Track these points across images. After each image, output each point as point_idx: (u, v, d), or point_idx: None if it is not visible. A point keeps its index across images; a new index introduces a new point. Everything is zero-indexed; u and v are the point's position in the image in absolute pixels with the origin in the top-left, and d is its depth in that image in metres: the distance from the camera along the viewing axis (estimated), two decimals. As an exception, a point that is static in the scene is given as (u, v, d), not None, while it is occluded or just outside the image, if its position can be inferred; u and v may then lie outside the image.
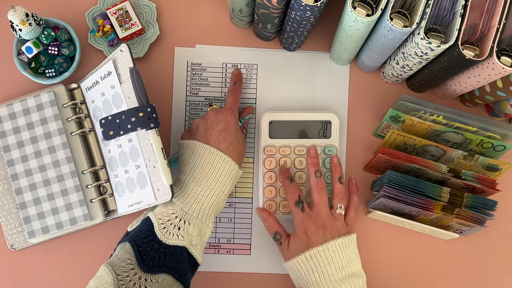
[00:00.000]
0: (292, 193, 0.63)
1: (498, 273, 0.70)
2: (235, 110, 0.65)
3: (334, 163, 0.66)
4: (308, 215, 0.62)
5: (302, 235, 0.61)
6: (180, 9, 0.73)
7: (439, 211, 0.61)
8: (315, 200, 0.62)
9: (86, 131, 0.67)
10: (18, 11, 0.61)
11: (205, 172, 0.60)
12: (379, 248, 0.70)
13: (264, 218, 0.65)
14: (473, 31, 0.57)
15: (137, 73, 0.60)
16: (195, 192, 0.59)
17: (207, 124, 0.63)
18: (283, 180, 0.66)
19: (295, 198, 0.63)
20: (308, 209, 0.62)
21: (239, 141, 0.63)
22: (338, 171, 0.65)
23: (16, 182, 0.65)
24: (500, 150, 0.65)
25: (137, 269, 0.53)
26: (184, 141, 0.64)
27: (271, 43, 0.73)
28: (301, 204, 0.62)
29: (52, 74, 0.68)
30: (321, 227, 0.60)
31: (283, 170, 0.66)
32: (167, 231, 0.56)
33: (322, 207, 0.62)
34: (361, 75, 0.73)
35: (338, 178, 0.64)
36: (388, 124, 0.67)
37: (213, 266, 0.69)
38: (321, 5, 0.56)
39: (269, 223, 0.65)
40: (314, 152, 0.65)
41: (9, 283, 0.68)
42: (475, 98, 0.68)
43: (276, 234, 0.64)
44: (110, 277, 0.52)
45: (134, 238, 0.56)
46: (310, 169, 0.64)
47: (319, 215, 0.61)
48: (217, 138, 0.62)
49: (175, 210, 0.58)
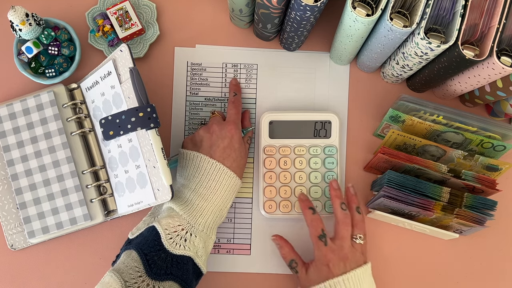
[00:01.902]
0: (316, 226, 0.62)
1: (498, 273, 0.70)
2: (238, 122, 0.66)
3: (351, 193, 0.65)
4: (331, 248, 0.61)
5: (323, 267, 0.60)
6: (180, 9, 0.73)
7: (439, 211, 0.61)
8: (340, 233, 0.62)
9: (86, 131, 0.67)
10: (18, 11, 0.61)
11: (211, 188, 0.61)
12: (379, 248, 0.70)
13: (281, 246, 0.66)
14: (473, 31, 0.57)
15: (137, 73, 0.60)
16: (201, 207, 0.60)
17: (212, 139, 0.63)
18: (304, 210, 0.64)
19: (319, 232, 0.62)
20: (330, 243, 0.62)
21: (242, 156, 0.64)
22: (355, 202, 0.65)
23: (16, 182, 0.65)
24: (500, 150, 0.65)
25: (145, 276, 0.54)
26: (188, 152, 0.64)
27: (271, 43, 0.73)
28: (324, 238, 0.62)
29: (52, 74, 0.68)
30: (343, 259, 0.60)
31: (303, 199, 0.65)
32: (173, 241, 0.57)
33: (346, 240, 0.62)
34: (361, 75, 0.73)
35: (356, 208, 0.64)
36: (388, 124, 0.67)
37: (213, 266, 0.69)
38: (321, 5, 0.56)
39: (285, 251, 0.65)
40: (337, 184, 0.65)
41: (9, 283, 0.68)
42: (475, 98, 0.68)
43: (292, 262, 0.64)
44: (118, 283, 0.53)
45: (141, 246, 0.57)
46: (336, 202, 0.63)
47: (342, 248, 0.61)
48: (222, 155, 0.62)
49: (182, 223, 0.59)
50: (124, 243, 0.62)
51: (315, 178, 0.69)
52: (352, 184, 0.66)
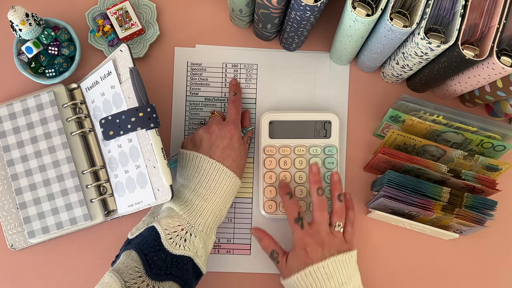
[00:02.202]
0: (292, 210, 0.63)
1: (498, 273, 0.70)
2: (238, 122, 0.66)
3: (334, 180, 0.64)
4: (307, 232, 0.61)
5: (301, 251, 0.60)
6: (180, 9, 0.73)
7: (439, 211, 0.61)
8: (316, 218, 0.62)
9: (86, 131, 0.67)
10: (18, 11, 0.61)
11: (210, 188, 0.61)
12: (379, 248, 0.70)
13: (260, 238, 0.65)
14: (473, 31, 0.57)
15: (137, 73, 0.60)
16: (201, 207, 0.60)
17: (211, 139, 0.63)
18: (282, 195, 0.65)
19: (295, 215, 0.62)
20: (307, 226, 0.62)
21: (241, 156, 0.64)
22: (338, 189, 0.64)
23: (16, 182, 0.65)
24: (500, 150, 0.65)
25: (145, 276, 0.55)
26: (188, 152, 0.64)
27: (271, 43, 0.73)
28: (300, 221, 0.62)
29: (52, 74, 0.68)
30: (320, 244, 0.60)
31: (282, 185, 0.65)
32: (173, 241, 0.57)
33: (322, 225, 0.61)
34: (361, 75, 0.73)
35: (338, 196, 0.63)
36: (388, 124, 0.67)
37: (213, 266, 0.69)
38: (321, 5, 0.56)
39: (264, 243, 0.65)
40: (316, 169, 0.64)
41: (9, 283, 0.68)
42: (475, 98, 0.68)
43: (273, 253, 0.64)
44: (118, 283, 0.53)
45: (140, 247, 0.57)
46: (312, 187, 0.63)
47: (318, 232, 0.61)
48: (222, 155, 0.62)
49: (181, 223, 0.59)
50: (124, 243, 0.62)
51: (315, 178, 0.69)
52: (337, 171, 0.66)
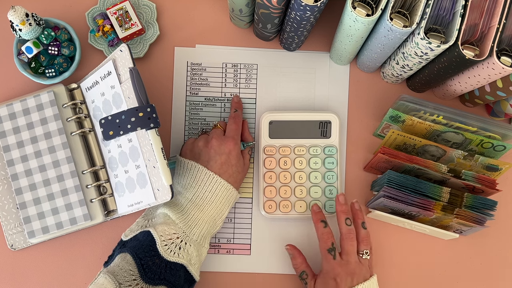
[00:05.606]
0: (326, 239, 0.63)
1: (498, 273, 0.70)
2: (237, 138, 0.66)
3: (356, 209, 0.66)
4: (339, 262, 0.62)
5: (331, 281, 0.61)
6: (180, 9, 0.73)
7: (439, 211, 0.61)
8: (346, 248, 0.63)
9: (86, 131, 0.67)
10: (18, 11, 0.61)
11: (206, 199, 0.62)
12: (379, 248, 0.70)
13: (293, 257, 0.66)
14: (473, 31, 0.57)
15: (137, 73, 0.60)
16: (196, 217, 0.61)
17: (210, 154, 0.64)
18: (316, 222, 0.65)
19: (329, 245, 0.63)
20: (339, 257, 0.62)
21: (239, 171, 0.65)
22: (361, 217, 0.65)
23: (16, 182, 0.65)
24: (500, 150, 0.65)
25: (139, 280, 0.56)
26: (187, 161, 0.64)
27: (271, 43, 0.73)
28: (333, 251, 0.62)
29: (52, 74, 0.68)
30: (350, 274, 0.61)
31: (317, 211, 0.66)
32: (168, 248, 0.58)
33: (352, 255, 0.62)
34: (361, 75, 0.73)
35: (362, 224, 0.64)
36: (388, 124, 0.67)
37: (213, 266, 0.69)
38: (321, 5, 0.56)
39: (297, 262, 0.66)
40: (343, 199, 0.65)
41: (9, 283, 0.68)
42: (475, 98, 0.68)
43: (303, 274, 0.65)
44: (113, 285, 0.54)
45: (136, 251, 0.58)
46: (341, 217, 0.64)
47: (348, 263, 0.62)
48: (219, 170, 0.63)
49: (177, 231, 0.60)
50: (117, 244, 0.63)
51: (315, 178, 0.69)
52: (357, 200, 0.67)
